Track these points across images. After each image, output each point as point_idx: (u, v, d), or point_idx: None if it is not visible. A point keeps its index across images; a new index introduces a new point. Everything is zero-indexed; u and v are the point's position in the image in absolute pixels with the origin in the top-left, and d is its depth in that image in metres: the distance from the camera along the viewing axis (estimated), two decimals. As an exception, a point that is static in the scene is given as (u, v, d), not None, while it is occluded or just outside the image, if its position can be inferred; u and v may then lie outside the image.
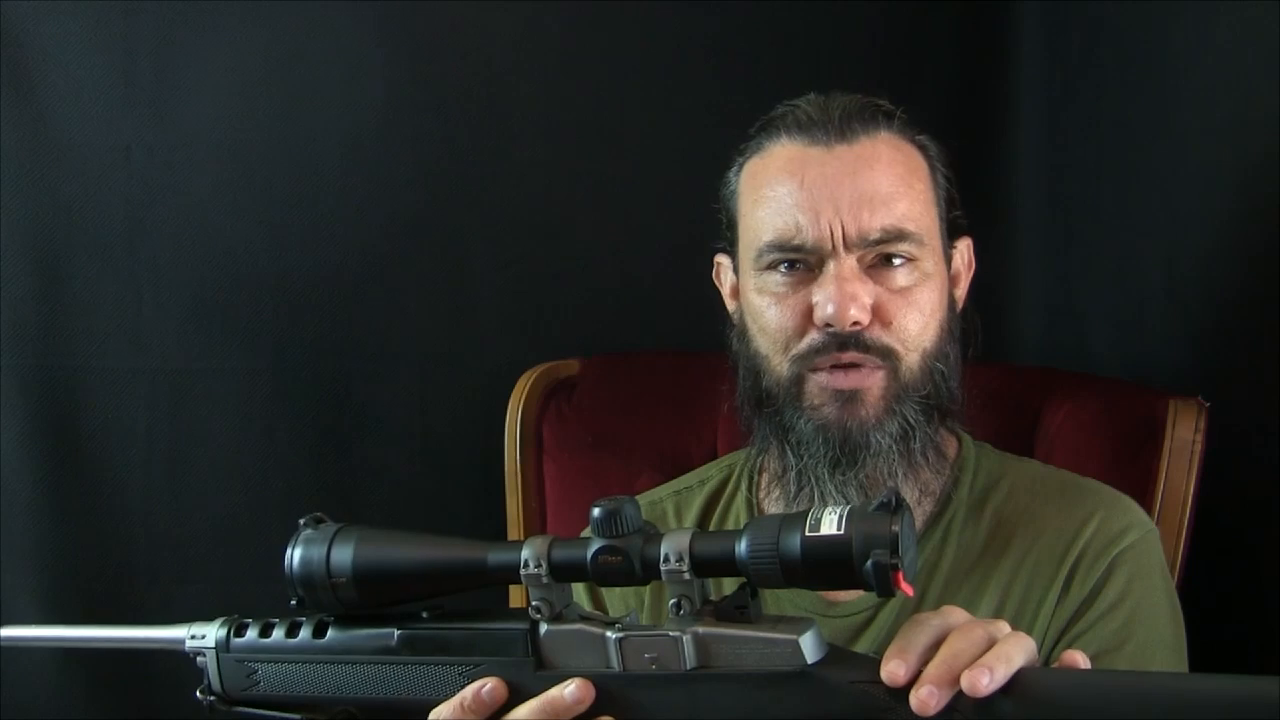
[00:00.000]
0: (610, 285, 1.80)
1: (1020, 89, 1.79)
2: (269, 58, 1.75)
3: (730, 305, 1.26)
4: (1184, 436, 1.36)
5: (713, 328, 1.30)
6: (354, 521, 0.99)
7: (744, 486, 1.28)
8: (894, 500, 0.85)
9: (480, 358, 1.79)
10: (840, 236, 1.13)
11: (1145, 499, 1.32)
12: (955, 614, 0.89)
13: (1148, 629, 1.14)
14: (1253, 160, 1.42)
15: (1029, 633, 1.12)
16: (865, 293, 1.13)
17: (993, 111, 1.81)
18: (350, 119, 1.77)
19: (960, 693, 0.83)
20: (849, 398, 1.14)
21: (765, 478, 1.26)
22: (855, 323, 1.12)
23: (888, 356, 1.14)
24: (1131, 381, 1.53)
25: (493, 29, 1.77)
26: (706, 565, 0.89)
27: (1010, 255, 1.80)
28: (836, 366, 1.14)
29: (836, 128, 1.15)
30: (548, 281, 1.80)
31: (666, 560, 0.89)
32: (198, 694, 1.02)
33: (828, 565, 0.86)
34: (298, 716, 1.00)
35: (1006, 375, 1.48)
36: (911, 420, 1.15)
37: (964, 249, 1.24)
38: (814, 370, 1.15)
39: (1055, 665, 0.89)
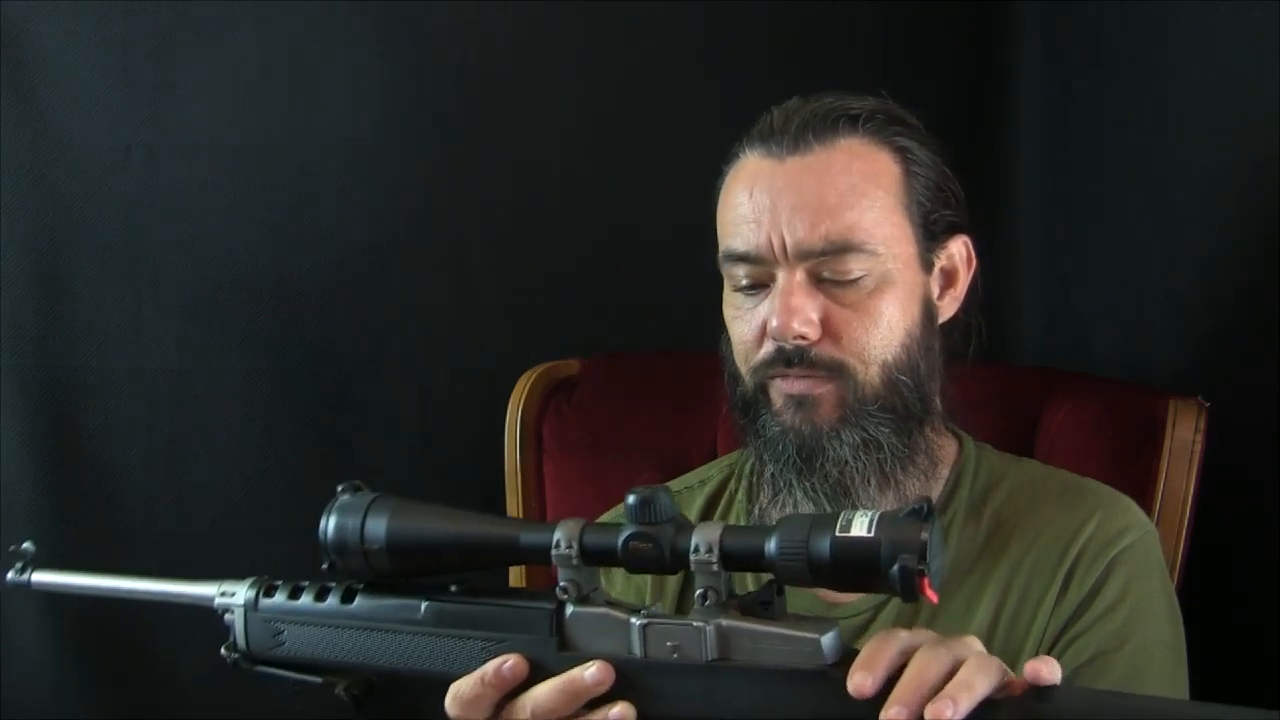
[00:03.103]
0: (610, 285, 1.80)
1: (1020, 89, 1.80)
2: (269, 58, 1.75)
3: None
4: (1184, 436, 1.36)
5: (713, 328, 1.30)
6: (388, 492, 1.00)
7: (743, 489, 1.28)
8: (925, 508, 0.86)
9: (480, 358, 1.79)
10: (781, 248, 1.13)
11: (1145, 499, 1.32)
12: (922, 633, 0.89)
13: (1147, 629, 1.14)
14: (1253, 160, 1.42)
15: (1028, 633, 1.13)
16: (811, 307, 1.12)
17: (993, 111, 1.81)
18: (350, 119, 1.77)
19: None
20: (801, 403, 1.14)
21: (761, 478, 1.26)
22: (800, 336, 1.12)
23: (838, 371, 1.13)
24: (1131, 381, 1.53)
25: (493, 29, 1.77)
26: (736, 559, 0.90)
27: (1010, 255, 1.80)
28: (790, 374, 1.14)
29: (791, 139, 1.14)
30: (548, 281, 1.80)
31: (697, 550, 0.90)
32: (222, 650, 1.04)
33: (855, 567, 0.86)
34: (319, 679, 1.01)
35: (1006, 375, 1.48)
36: (873, 432, 1.14)
37: (959, 247, 1.21)
38: (771, 379, 1.15)
39: (1022, 675, 0.88)
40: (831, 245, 1.12)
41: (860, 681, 0.85)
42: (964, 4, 1.79)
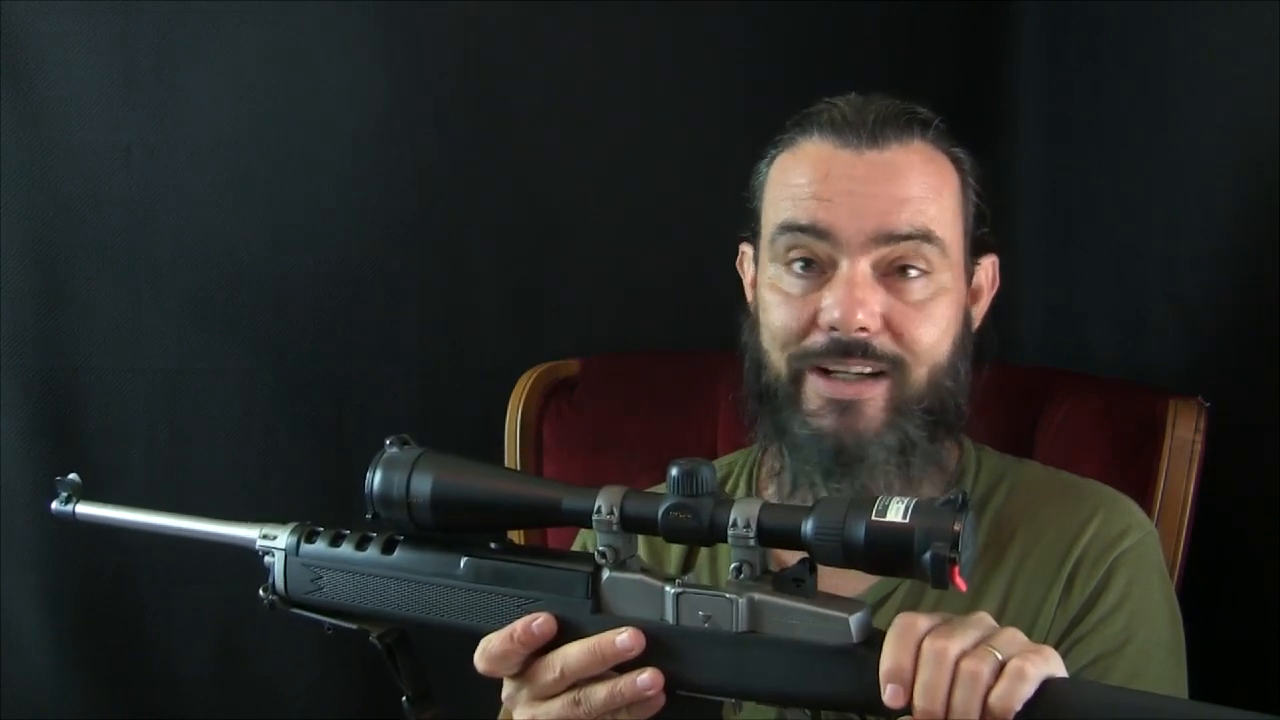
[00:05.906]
0: (610, 285, 1.79)
1: (1020, 89, 1.79)
2: (269, 58, 1.75)
3: (749, 295, 1.26)
4: (1184, 436, 1.36)
5: (712, 328, 1.30)
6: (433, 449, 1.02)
7: (743, 485, 1.28)
8: (960, 499, 0.88)
9: (480, 358, 1.79)
10: (859, 234, 1.12)
11: (1145, 499, 1.32)
12: (938, 618, 0.90)
13: (1147, 631, 1.14)
14: (1253, 160, 1.42)
15: (1030, 635, 1.13)
16: (876, 300, 1.12)
17: (993, 111, 1.81)
18: (350, 119, 1.77)
19: None
20: (847, 407, 1.13)
21: (765, 470, 1.26)
22: (862, 329, 1.11)
23: (895, 366, 1.13)
24: (1131, 381, 1.53)
25: (493, 29, 1.77)
26: (772, 535, 0.92)
27: (1010, 255, 1.79)
28: (836, 374, 1.13)
29: (869, 132, 1.14)
30: (548, 281, 1.80)
31: (735, 524, 0.92)
32: (260, 591, 1.06)
33: (888, 552, 0.88)
34: (353, 626, 1.03)
35: (1006, 375, 1.48)
36: (912, 435, 1.14)
37: (988, 266, 1.24)
38: (813, 370, 1.14)
39: None
40: (916, 231, 1.13)
41: (893, 695, 0.87)
42: (964, 4, 1.79)
